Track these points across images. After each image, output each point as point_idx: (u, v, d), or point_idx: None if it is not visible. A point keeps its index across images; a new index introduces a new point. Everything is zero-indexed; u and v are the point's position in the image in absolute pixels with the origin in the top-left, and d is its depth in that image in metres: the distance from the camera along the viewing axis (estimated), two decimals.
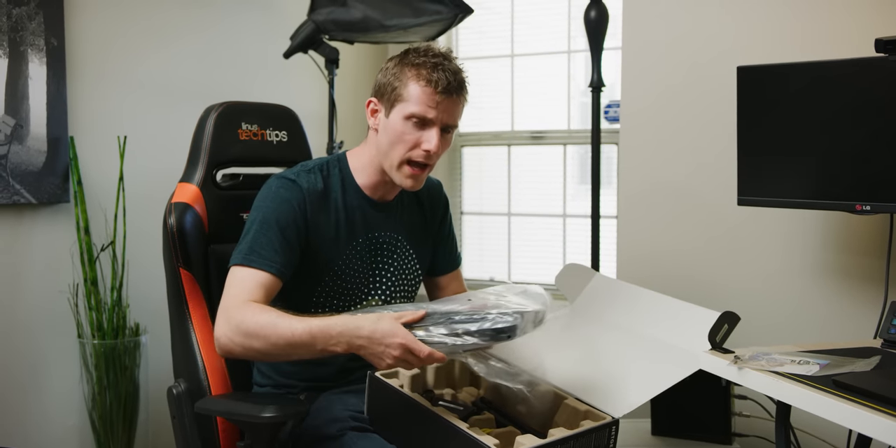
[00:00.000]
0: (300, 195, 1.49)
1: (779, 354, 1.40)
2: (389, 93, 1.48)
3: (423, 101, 1.45)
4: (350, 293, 1.56)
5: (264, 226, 1.46)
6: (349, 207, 1.55)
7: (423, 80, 1.44)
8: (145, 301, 2.25)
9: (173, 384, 1.57)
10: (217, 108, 1.68)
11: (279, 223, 1.46)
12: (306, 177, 1.52)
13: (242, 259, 1.43)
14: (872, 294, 1.96)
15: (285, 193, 1.48)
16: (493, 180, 3.08)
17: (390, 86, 1.48)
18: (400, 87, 1.46)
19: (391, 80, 1.48)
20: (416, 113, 1.45)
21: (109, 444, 2.17)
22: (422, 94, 1.45)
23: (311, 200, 1.50)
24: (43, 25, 2.11)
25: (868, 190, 1.72)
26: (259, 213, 1.48)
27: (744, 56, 2.00)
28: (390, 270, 1.61)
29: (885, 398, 1.15)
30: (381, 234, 1.59)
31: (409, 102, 1.45)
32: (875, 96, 1.70)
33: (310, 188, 1.50)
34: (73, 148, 2.17)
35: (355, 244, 1.55)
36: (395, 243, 1.61)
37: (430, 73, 1.44)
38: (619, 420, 1.39)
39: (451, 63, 1.47)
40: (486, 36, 3.09)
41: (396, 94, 1.46)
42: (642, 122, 2.37)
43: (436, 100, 1.45)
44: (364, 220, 1.56)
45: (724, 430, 1.86)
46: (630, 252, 2.42)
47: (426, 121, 1.46)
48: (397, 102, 1.47)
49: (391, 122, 1.48)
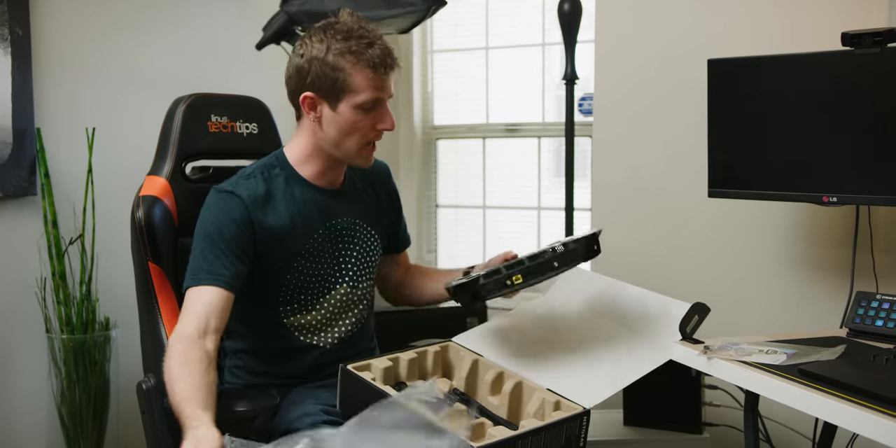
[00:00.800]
0: (240, 205, 1.45)
1: (747, 344, 1.42)
2: (330, 86, 1.43)
3: (371, 87, 1.43)
4: (317, 284, 1.55)
5: (207, 241, 1.44)
6: (301, 202, 1.52)
7: (367, 67, 1.41)
8: (115, 295, 2.22)
9: (143, 379, 1.55)
10: (186, 100, 1.66)
11: (223, 236, 1.43)
12: (245, 184, 1.49)
13: (191, 280, 1.42)
14: (839, 284, 1.99)
15: (224, 205, 1.45)
16: (468, 173, 3.08)
17: (329, 79, 1.42)
18: (343, 79, 1.41)
19: (328, 72, 1.42)
20: (367, 100, 1.43)
21: (79, 439, 2.15)
22: (369, 80, 1.42)
23: (253, 207, 1.47)
24: (7, 15, 2.06)
25: (834, 182, 1.74)
26: (201, 230, 1.46)
27: (716, 49, 2.02)
28: (354, 255, 1.60)
29: (849, 386, 1.17)
30: (339, 221, 1.57)
31: (358, 92, 1.42)
32: (842, 89, 1.72)
33: (250, 195, 1.47)
34: (40, 140, 2.13)
35: (316, 236, 1.54)
36: (355, 227, 1.60)
37: (370, 56, 1.41)
38: (590, 410, 1.40)
39: (373, 33, 1.44)
40: (460, 28, 3.08)
41: (341, 87, 1.42)
42: (615, 115, 2.38)
43: (382, 81, 1.44)
44: (319, 211, 1.55)
45: (694, 419, 1.89)
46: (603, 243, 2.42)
47: (377, 102, 1.46)
48: (344, 95, 1.43)
49: (340, 115, 1.45)
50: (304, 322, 1.56)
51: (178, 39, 2.49)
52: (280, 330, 1.55)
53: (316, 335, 1.57)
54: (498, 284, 1.41)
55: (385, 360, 1.51)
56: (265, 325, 1.55)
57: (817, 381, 1.22)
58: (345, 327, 1.60)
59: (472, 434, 1.29)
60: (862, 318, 1.54)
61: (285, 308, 1.54)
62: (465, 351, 1.60)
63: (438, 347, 1.61)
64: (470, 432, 1.29)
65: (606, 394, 1.43)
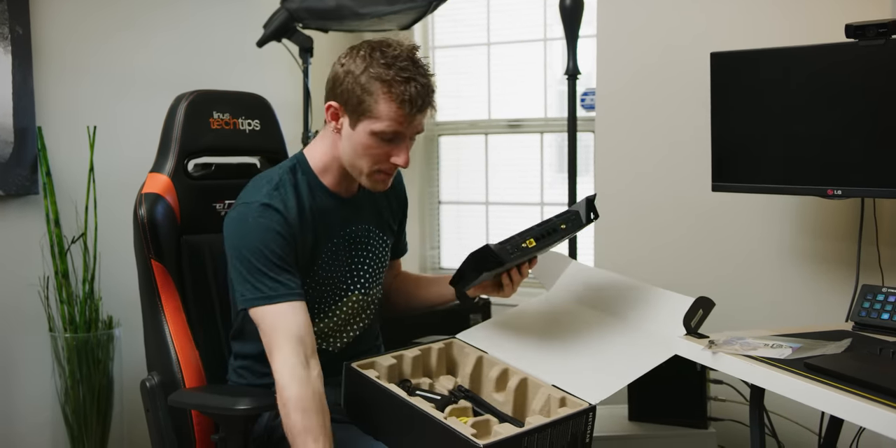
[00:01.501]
0: (280, 218, 1.41)
1: (752, 339, 1.42)
2: (356, 105, 1.39)
3: (394, 120, 1.38)
4: (330, 292, 1.53)
5: (264, 259, 1.38)
6: (321, 210, 1.50)
7: (396, 100, 1.36)
8: (118, 293, 2.21)
9: (146, 377, 1.55)
10: (187, 97, 1.65)
11: (274, 253, 1.39)
12: (279, 196, 1.44)
13: (268, 299, 1.37)
14: (844, 278, 1.98)
15: (266, 222, 1.40)
16: (470, 169, 3.07)
17: (356, 97, 1.38)
18: (368, 103, 1.37)
19: (357, 90, 1.38)
20: (386, 131, 1.39)
21: (83, 438, 2.15)
22: (394, 114, 1.37)
23: (291, 220, 1.43)
24: (7, 13, 2.05)
25: (839, 175, 1.73)
26: (252, 249, 1.38)
27: (718, 43, 2.01)
28: (367, 262, 1.59)
29: (855, 380, 1.17)
30: (355, 228, 1.56)
31: (380, 120, 1.38)
32: (846, 81, 1.71)
33: (286, 206, 1.43)
34: (42, 138, 2.13)
35: (331, 244, 1.52)
36: (369, 234, 1.59)
37: (403, 90, 1.36)
38: (595, 406, 1.39)
39: (421, 74, 1.39)
40: (461, 24, 3.07)
41: (365, 109, 1.38)
42: (618, 110, 2.37)
43: (407, 118, 1.39)
44: (337, 219, 1.53)
45: (699, 414, 1.88)
46: (607, 238, 2.43)
47: (396, 136, 1.41)
48: (364, 118, 1.39)
49: (357, 135, 1.41)
50: (316, 330, 1.52)
51: (178, 37, 2.48)
52: None
53: (325, 341, 1.56)
54: (515, 247, 1.45)
55: (389, 357, 1.51)
56: None
57: (823, 374, 1.21)
58: (353, 332, 1.59)
59: (478, 431, 1.29)
60: (868, 311, 1.53)
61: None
62: (470, 348, 1.59)
63: (443, 344, 1.61)
64: (476, 429, 1.29)
65: (612, 389, 1.42)
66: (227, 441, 1.39)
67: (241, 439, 1.39)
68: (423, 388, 1.51)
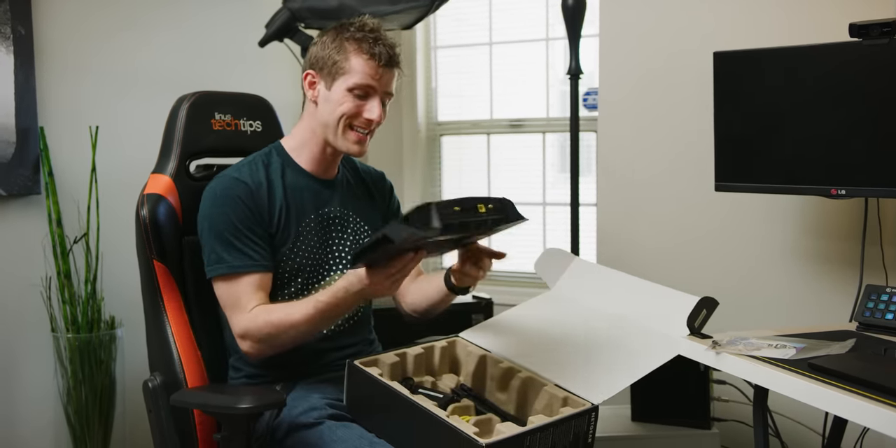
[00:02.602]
0: (247, 190, 1.51)
1: (756, 339, 1.41)
2: (330, 66, 1.52)
3: (366, 73, 1.50)
4: (310, 271, 1.56)
5: (230, 229, 1.48)
6: (294, 188, 1.56)
7: (366, 54, 1.50)
8: (120, 294, 2.22)
9: (149, 377, 1.55)
10: (189, 98, 1.65)
11: (241, 221, 1.49)
12: (248, 170, 1.54)
13: (227, 268, 1.47)
14: (848, 278, 1.98)
15: (233, 192, 1.50)
16: (472, 169, 3.07)
17: (331, 59, 1.52)
18: (342, 61, 1.50)
19: (331, 53, 1.52)
20: (359, 83, 1.50)
21: (85, 438, 2.15)
22: (365, 66, 1.50)
23: (257, 192, 1.52)
24: (9, 13, 2.06)
25: (843, 174, 1.73)
26: (217, 219, 1.49)
27: (721, 42, 2.01)
28: (345, 244, 1.61)
29: (859, 380, 1.16)
30: (330, 210, 1.60)
31: (352, 74, 1.50)
32: (850, 81, 1.71)
33: (253, 180, 1.52)
34: (44, 138, 2.13)
35: (307, 222, 1.56)
36: (346, 218, 1.63)
37: (372, 46, 1.50)
38: (598, 406, 1.39)
39: (387, 38, 1.54)
40: (464, 24, 3.07)
41: (338, 68, 1.51)
42: (620, 110, 2.37)
43: (378, 72, 1.51)
44: (311, 199, 1.58)
45: (703, 414, 1.88)
46: (610, 239, 2.42)
47: (369, 91, 1.51)
48: (339, 75, 1.51)
49: (333, 94, 1.52)
50: None
51: (180, 37, 2.48)
52: None
53: None
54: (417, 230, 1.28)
55: (392, 355, 1.51)
56: None
57: (827, 375, 1.21)
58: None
59: (480, 430, 1.28)
60: (872, 311, 1.53)
61: (282, 292, 1.55)
62: (473, 346, 1.59)
63: (446, 343, 1.61)
64: (478, 428, 1.29)
65: (615, 389, 1.41)
66: (230, 440, 1.39)
67: (243, 438, 1.39)
68: (426, 387, 1.51)
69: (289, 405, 1.48)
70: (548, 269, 1.82)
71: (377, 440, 1.40)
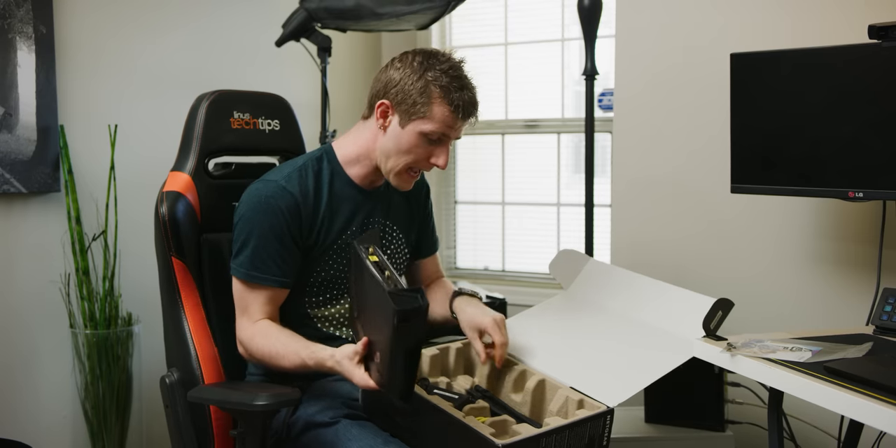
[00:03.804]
0: (293, 202, 1.49)
1: (771, 341, 1.41)
2: (410, 105, 1.48)
3: (444, 123, 1.48)
4: (344, 280, 1.57)
5: (262, 239, 1.48)
6: (340, 199, 1.56)
7: (451, 105, 1.46)
8: (138, 291, 2.23)
9: (166, 373, 1.57)
10: (209, 97, 1.67)
11: (276, 234, 1.48)
12: (297, 178, 1.52)
13: (245, 276, 1.49)
14: (865, 281, 1.96)
15: (277, 202, 1.48)
16: (486, 169, 3.07)
17: (411, 99, 1.47)
18: (423, 105, 1.47)
19: (413, 93, 1.47)
20: (435, 132, 1.48)
21: (103, 434, 2.17)
22: (446, 117, 1.47)
23: (304, 203, 1.51)
24: (31, 13, 2.08)
25: (861, 177, 1.72)
26: (254, 225, 1.48)
27: (737, 43, 2.00)
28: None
29: (876, 384, 1.16)
30: (371, 221, 1.60)
31: (431, 121, 1.47)
32: (868, 83, 1.69)
33: (302, 190, 1.51)
34: (64, 136, 2.15)
35: (350, 233, 1.56)
36: (385, 229, 1.63)
37: (457, 97, 1.46)
38: (613, 409, 1.39)
39: (470, 85, 1.51)
40: (479, 24, 3.08)
41: (418, 110, 1.47)
42: (636, 110, 2.36)
43: (457, 123, 1.49)
44: (355, 209, 1.58)
45: (717, 417, 1.87)
46: (624, 240, 2.42)
47: (442, 138, 1.50)
48: (416, 117, 1.48)
49: (405, 133, 1.49)
50: (328, 314, 1.58)
51: (198, 37, 2.50)
52: (304, 319, 1.57)
53: (338, 328, 1.59)
54: None
55: None
56: (290, 313, 1.56)
57: (844, 378, 1.20)
58: None
59: (496, 430, 1.29)
60: (889, 315, 1.52)
61: (310, 300, 1.56)
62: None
63: (461, 344, 1.61)
64: (494, 429, 1.29)
65: (630, 392, 1.42)
66: (246, 437, 1.40)
67: (259, 435, 1.40)
68: (441, 387, 1.51)
69: (305, 403, 1.50)
70: (562, 271, 1.83)
71: (392, 439, 1.41)
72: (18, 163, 2.06)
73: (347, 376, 1.33)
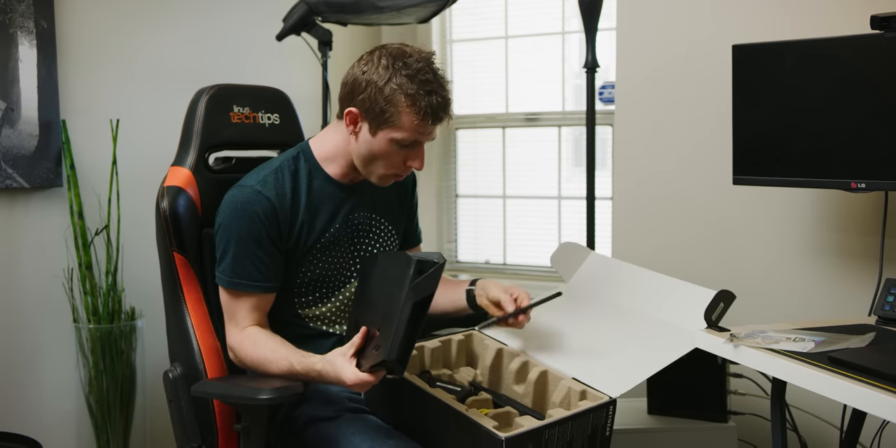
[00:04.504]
0: (269, 206, 1.47)
1: (774, 332, 1.41)
2: (377, 114, 1.43)
3: (414, 130, 1.43)
4: (332, 278, 1.56)
5: (240, 245, 1.46)
6: (321, 196, 1.54)
7: (420, 114, 1.41)
8: (140, 285, 2.24)
9: (169, 368, 1.57)
10: (208, 91, 1.66)
11: (255, 239, 1.46)
12: (273, 181, 1.49)
13: (228, 283, 1.49)
14: (867, 271, 1.96)
15: (253, 208, 1.46)
16: (487, 163, 3.07)
17: (378, 107, 1.42)
18: (391, 113, 1.42)
19: (380, 101, 1.41)
20: (406, 139, 1.44)
21: (107, 428, 2.18)
22: (416, 125, 1.42)
23: (281, 206, 1.48)
24: (32, 8, 2.08)
25: (863, 167, 1.71)
26: (232, 232, 1.47)
27: (739, 35, 1.99)
28: (370, 250, 1.60)
29: (879, 373, 1.16)
30: (356, 216, 1.58)
31: (401, 130, 1.43)
32: (871, 74, 1.69)
33: (279, 193, 1.49)
34: (66, 131, 2.15)
35: (333, 230, 1.54)
36: (371, 221, 1.61)
37: (426, 104, 1.40)
38: (616, 400, 1.39)
39: (440, 81, 1.43)
40: (479, 17, 3.07)
41: (386, 119, 1.42)
42: (637, 102, 2.36)
43: (427, 129, 1.45)
44: (338, 205, 1.55)
45: (719, 408, 1.87)
46: (625, 233, 2.42)
47: (415, 143, 1.47)
48: (386, 126, 1.43)
49: (377, 141, 1.46)
50: (319, 313, 1.57)
51: (199, 31, 2.50)
52: (294, 319, 1.57)
53: (330, 326, 1.58)
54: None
55: None
56: (281, 314, 1.56)
57: (847, 368, 1.20)
58: None
59: (499, 423, 1.29)
60: (892, 305, 1.52)
61: (300, 300, 1.56)
62: (490, 340, 1.60)
63: (462, 336, 1.61)
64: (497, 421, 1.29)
65: (632, 383, 1.42)
66: (250, 430, 1.40)
67: (263, 429, 1.40)
68: (444, 380, 1.52)
69: (308, 397, 1.50)
70: (564, 264, 1.83)
71: (395, 432, 1.41)
72: (21, 158, 2.07)
73: (335, 375, 1.31)
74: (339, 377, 1.30)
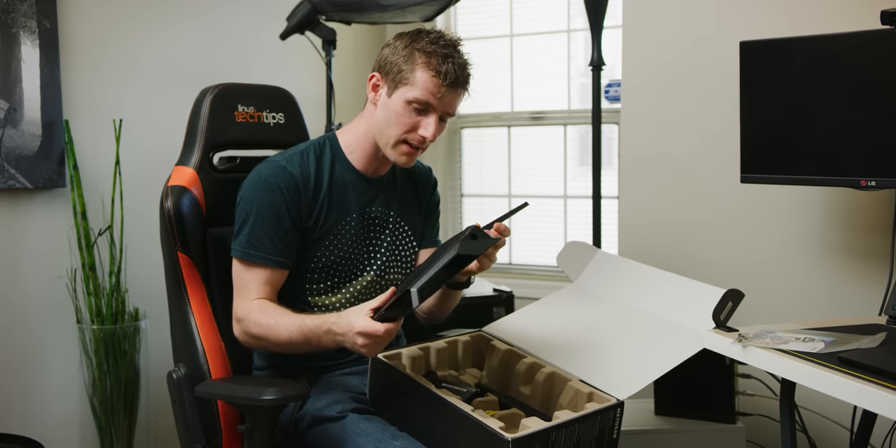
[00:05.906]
0: (292, 181, 1.50)
1: (783, 332, 1.39)
2: (395, 73, 1.48)
3: (428, 90, 1.46)
4: (344, 269, 1.56)
5: (259, 217, 1.48)
6: (341, 184, 1.56)
7: (433, 70, 1.45)
8: (144, 286, 2.23)
9: (173, 369, 1.56)
10: (213, 91, 1.65)
11: (275, 212, 1.48)
12: (299, 160, 1.53)
13: (242, 254, 1.49)
14: (878, 271, 1.94)
15: (277, 181, 1.49)
16: (492, 162, 3.06)
17: (397, 66, 1.48)
18: (407, 71, 1.47)
19: (399, 60, 1.48)
20: (419, 99, 1.46)
21: (110, 429, 2.17)
22: (429, 82, 1.46)
23: (304, 184, 1.51)
24: (35, 7, 2.07)
25: (873, 165, 1.70)
26: (253, 203, 1.49)
27: (745, 31, 1.97)
28: (383, 245, 1.60)
29: (890, 374, 1.14)
30: (373, 210, 1.59)
31: (414, 88, 1.46)
32: (880, 70, 1.67)
33: (303, 171, 1.52)
34: (69, 131, 2.15)
35: (349, 220, 1.56)
36: (387, 218, 1.62)
37: (440, 63, 1.45)
38: (623, 402, 1.38)
39: (460, 56, 1.49)
40: (484, 16, 3.05)
41: (403, 77, 1.47)
42: (643, 100, 2.34)
43: (441, 90, 1.46)
44: (356, 196, 1.57)
45: (728, 408, 1.86)
46: (632, 231, 2.40)
47: (428, 108, 1.48)
48: (402, 85, 1.47)
49: (392, 102, 1.49)
50: (329, 303, 1.57)
51: (203, 30, 2.49)
52: (304, 307, 1.56)
53: None
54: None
55: (416, 349, 1.51)
56: (291, 301, 1.55)
57: (858, 369, 1.19)
58: None
59: (505, 424, 1.28)
60: None
61: (311, 287, 1.56)
62: (497, 341, 1.59)
63: (469, 337, 1.60)
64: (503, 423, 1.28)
65: (640, 385, 1.41)
66: (254, 431, 1.39)
67: (267, 430, 1.39)
68: (450, 381, 1.51)
69: (312, 398, 1.49)
70: (570, 263, 1.81)
71: (400, 433, 1.40)
72: (23, 158, 2.06)
73: (346, 324, 1.30)
74: (350, 323, 1.30)
